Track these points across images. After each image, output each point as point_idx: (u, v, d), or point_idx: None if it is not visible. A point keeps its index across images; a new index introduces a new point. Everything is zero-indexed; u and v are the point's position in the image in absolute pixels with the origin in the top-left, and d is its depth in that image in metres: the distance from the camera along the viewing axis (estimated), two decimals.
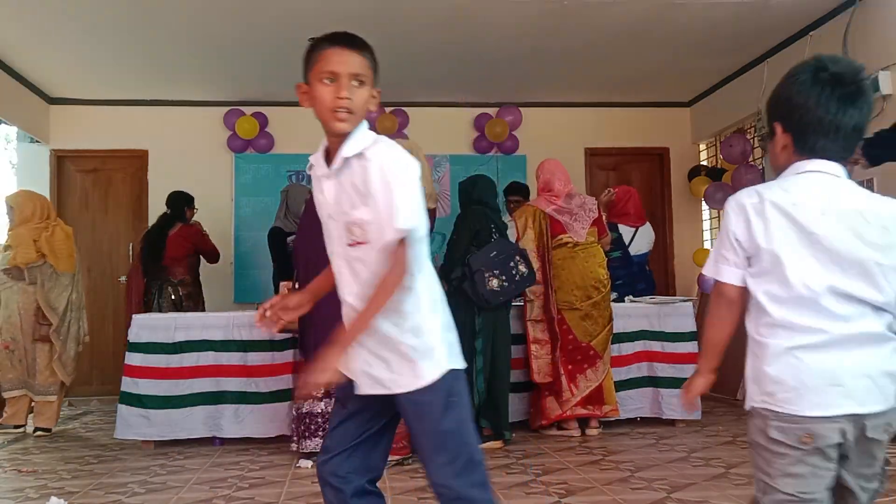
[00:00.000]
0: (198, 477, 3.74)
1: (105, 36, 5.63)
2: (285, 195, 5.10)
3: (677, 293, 7.29)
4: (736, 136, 6.62)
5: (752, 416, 1.58)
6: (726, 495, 3.16)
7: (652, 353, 4.94)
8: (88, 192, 7.15)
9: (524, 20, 5.44)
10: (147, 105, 7.13)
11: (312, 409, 4.03)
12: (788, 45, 5.94)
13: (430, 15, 5.32)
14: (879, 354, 1.48)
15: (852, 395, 1.46)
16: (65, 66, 6.31)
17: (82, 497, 3.40)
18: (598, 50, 6.10)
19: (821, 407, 1.46)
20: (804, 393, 1.48)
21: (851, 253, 1.48)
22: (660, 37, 5.83)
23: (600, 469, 3.71)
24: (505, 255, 4.24)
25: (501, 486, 3.41)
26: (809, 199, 1.51)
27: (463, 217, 4.50)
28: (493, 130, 7.30)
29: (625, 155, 7.69)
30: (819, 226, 1.49)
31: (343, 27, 1.82)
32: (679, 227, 7.69)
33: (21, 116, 6.60)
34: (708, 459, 3.88)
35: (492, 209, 4.55)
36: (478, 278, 4.16)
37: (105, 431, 5.11)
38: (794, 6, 5.30)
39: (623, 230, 5.39)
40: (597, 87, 7.16)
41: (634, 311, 4.94)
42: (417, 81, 6.85)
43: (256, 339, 4.53)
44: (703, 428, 4.79)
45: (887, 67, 4.81)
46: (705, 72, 6.78)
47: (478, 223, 4.39)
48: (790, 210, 1.51)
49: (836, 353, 1.47)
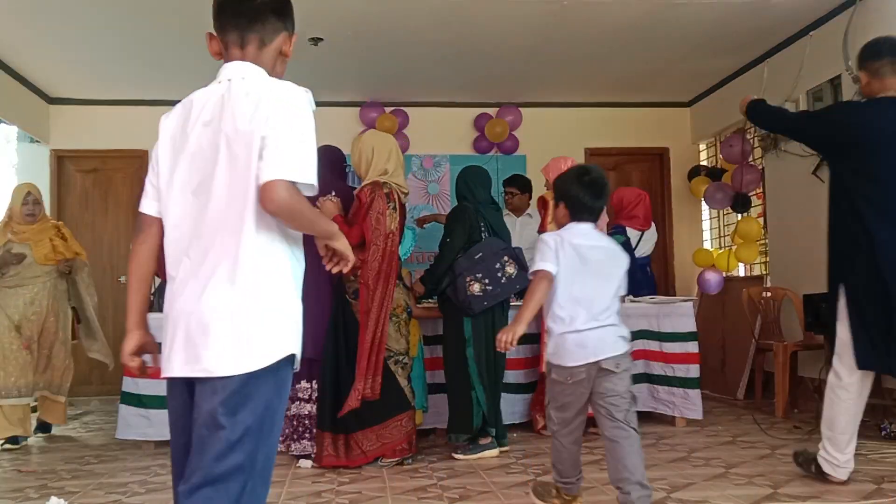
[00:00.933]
0: None
1: (105, 36, 5.63)
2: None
3: (677, 293, 7.29)
4: (736, 136, 6.62)
5: (549, 365, 2.82)
6: (726, 495, 3.16)
7: (651, 353, 4.93)
8: (88, 192, 7.15)
9: (524, 20, 5.44)
10: (147, 105, 7.12)
11: (300, 412, 4.03)
12: (788, 45, 5.95)
13: (430, 15, 5.32)
14: (612, 329, 2.71)
15: (592, 353, 2.66)
16: (65, 66, 6.31)
17: (82, 497, 3.40)
18: (598, 50, 6.11)
19: (574, 360, 2.69)
20: (565, 354, 2.71)
21: (603, 272, 2.73)
22: (660, 37, 5.83)
23: (600, 469, 3.71)
24: (491, 257, 4.02)
25: (501, 485, 3.41)
26: (583, 240, 2.75)
27: (454, 217, 4.23)
28: (493, 130, 7.30)
29: (625, 155, 7.69)
30: (589, 255, 2.72)
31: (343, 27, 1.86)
32: (679, 227, 7.69)
33: (21, 116, 6.60)
34: (708, 459, 3.88)
35: (483, 203, 4.26)
36: (459, 283, 3.96)
37: (105, 431, 5.11)
38: (794, 6, 5.30)
39: (630, 234, 5.34)
40: (597, 87, 7.16)
41: (634, 311, 4.94)
42: (417, 81, 6.86)
43: None
44: (703, 428, 4.79)
45: None
46: (705, 72, 6.78)
47: (469, 222, 4.15)
48: (575, 245, 2.73)
49: (586, 333, 2.67)
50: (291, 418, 4.02)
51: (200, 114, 1.69)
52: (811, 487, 3.25)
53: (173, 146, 1.71)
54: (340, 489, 3.41)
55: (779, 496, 3.12)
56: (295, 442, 4.01)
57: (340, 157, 4.38)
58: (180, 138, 1.70)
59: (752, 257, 6.46)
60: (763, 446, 4.18)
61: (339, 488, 3.43)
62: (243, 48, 1.75)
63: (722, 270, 6.49)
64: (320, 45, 5.74)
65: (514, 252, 4.14)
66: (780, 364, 5.21)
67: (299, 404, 4.03)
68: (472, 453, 4.02)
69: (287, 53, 1.81)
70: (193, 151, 1.67)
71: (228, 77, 1.72)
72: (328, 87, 6.89)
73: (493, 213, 4.31)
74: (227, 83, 1.70)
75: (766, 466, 3.68)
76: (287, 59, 1.83)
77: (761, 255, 6.53)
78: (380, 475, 3.67)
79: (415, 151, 7.33)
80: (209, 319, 1.59)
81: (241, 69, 1.72)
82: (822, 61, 5.50)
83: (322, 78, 6.63)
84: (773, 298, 5.95)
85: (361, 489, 3.40)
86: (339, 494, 3.32)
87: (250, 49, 1.75)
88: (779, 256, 6.23)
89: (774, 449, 4.10)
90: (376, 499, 3.23)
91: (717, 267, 6.56)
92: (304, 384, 4.04)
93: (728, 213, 7.24)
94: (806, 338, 5.42)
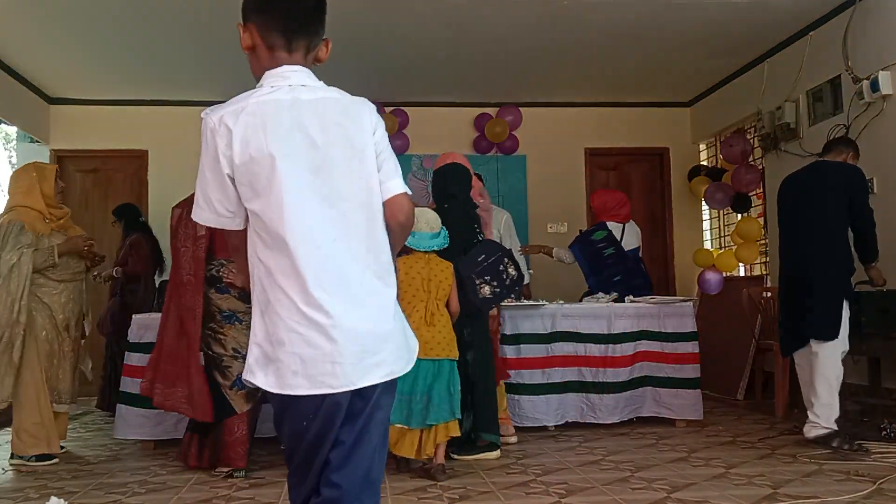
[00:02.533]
0: (198, 477, 3.73)
1: (105, 36, 5.63)
2: None
3: (677, 293, 7.29)
4: (736, 136, 6.62)
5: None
6: (726, 495, 3.16)
7: (651, 354, 4.93)
8: (88, 192, 7.15)
9: (524, 20, 5.44)
10: (147, 105, 7.13)
11: None
12: (788, 45, 5.94)
13: (430, 15, 5.32)
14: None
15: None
16: (65, 66, 6.31)
17: (82, 497, 3.40)
18: (599, 50, 6.11)
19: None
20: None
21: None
22: (660, 37, 5.83)
23: (600, 469, 3.71)
24: (494, 259, 3.99)
25: (501, 485, 3.41)
26: None
27: (442, 219, 3.90)
28: (493, 130, 7.30)
29: (625, 155, 7.69)
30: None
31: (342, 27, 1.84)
32: (679, 227, 7.69)
33: (21, 116, 6.60)
34: (708, 459, 3.88)
35: (471, 205, 4.19)
36: (469, 286, 3.88)
37: (105, 431, 5.11)
38: (794, 6, 5.30)
39: (611, 226, 5.42)
40: (597, 87, 7.16)
41: (634, 311, 4.94)
42: (417, 81, 6.86)
43: None
44: (703, 428, 4.79)
45: (887, 67, 4.81)
46: (705, 72, 6.78)
47: (461, 224, 4.03)
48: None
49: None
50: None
51: (308, 120, 1.55)
52: (811, 487, 3.25)
53: (281, 155, 1.51)
54: None
55: (779, 496, 3.12)
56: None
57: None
58: (288, 146, 1.52)
59: (752, 257, 6.46)
60: (763, 446, 4.18)
61: None
62: (291, 53, 1.62)
63: (722, 270, 6.50)
64: None
65: (510, 253, 4.10)
66: (780, 364, 5.20)
67: None
68: (472, 454, 4.01)
69: (323, 59, 1.70)
70: (319, 164, 1.54)
71: (301, 83, 1.60)
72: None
73: (475, 211, 4.26)
74: (300, 88, 1.58)
75: (766, 466, 3.68)
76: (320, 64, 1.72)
77: (761, 255, 6.53)
78: None
79: (415, 151, 7.34)
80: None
81: (304, 76, 1.62)
82: (822, 61, 5.50)
83: (322, 78, 6.58)
84: (773, 298, 5.95)
85: None
86: None
87: (298, 55, 1.63)
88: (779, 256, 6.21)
89: (774, 449, 4.10)
90: None
91: (717, 267, 6.57)
92: None
93: (728, 213, 7.24)
94: None
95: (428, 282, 3.68)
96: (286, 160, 1.50)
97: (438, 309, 3.69)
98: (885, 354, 4.40)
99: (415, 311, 3.61)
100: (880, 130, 4.91)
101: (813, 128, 5.65)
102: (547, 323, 4.82)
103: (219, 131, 1.51)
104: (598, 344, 4.84)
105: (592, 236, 5.45)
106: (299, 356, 1.48)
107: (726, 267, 6.66)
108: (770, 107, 6.06)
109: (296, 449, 1.56)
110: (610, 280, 5.34)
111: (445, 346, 3.64)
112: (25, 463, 4.03)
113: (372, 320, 1.54)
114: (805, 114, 5.76)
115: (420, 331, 3.56)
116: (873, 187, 4.92)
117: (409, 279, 3.65)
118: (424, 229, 3.72)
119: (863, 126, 5.04)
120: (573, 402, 4.78)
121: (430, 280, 3.68)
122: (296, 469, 1.58)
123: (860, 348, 4.45)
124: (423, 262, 3.71)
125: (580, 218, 7.31)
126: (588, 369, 4.82)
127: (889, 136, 4.87)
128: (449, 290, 3.74)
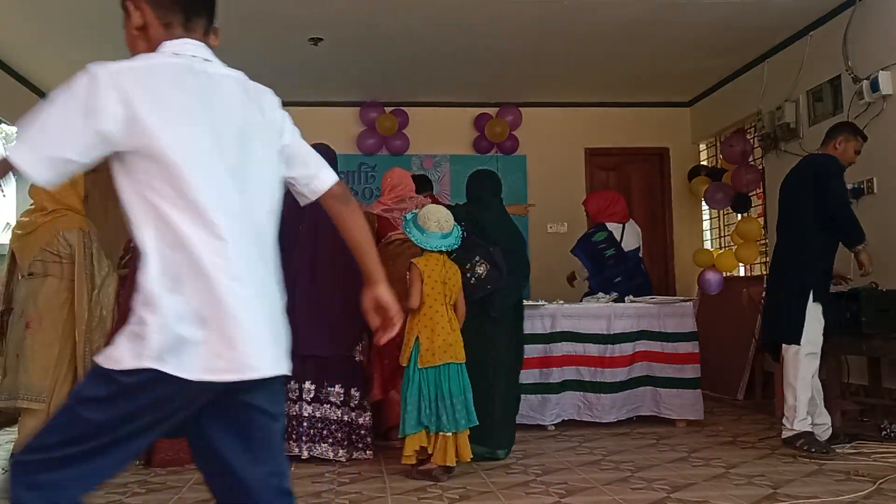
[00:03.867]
0: (198, 477, 3.72)
1: (105, 36, 5.62)
2: None
3: (677, 293, 7.29)
4: (736, 136, 6.62)
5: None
6: (726, 495, 3.16)
7: (651, 353, 4.93)
8: (88, 192, 7.12)
9: (524, 20, 5.44)
10: None
11: (302, 413, 3.93)
12: (788, 45, 5.95)
13: (430, 15, 5.32)
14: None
15: None
16: (65, 66, 6.30)
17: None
18: (598, 50, 6.11)
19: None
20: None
21: None
22: (660, 37, 5.84)
23: (600, 469, 3.71)
24: (462, 255, 3.88)
25: (501, 485, 3.41)
26: None
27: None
28: (493, 130, 7.30)
29: (625, 155, 7.69)
30: None
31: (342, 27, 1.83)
32: (679, 227, 7.69)
33: (21, 116, 6.60)
34: (708, 459, 3.88)
35: (482, 205, 4.20)
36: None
37: None
38: (794, 6, 5.30)
39: (611, 227, 5.42)
40: (597, 87, 7.16)
41: (634, 311, 4.94)
42: (417, 81, 6.86)
43: None
44: (703, 428, 4.79)
45: (887, 67, 4.81)
46: (705, 72, 6.78)
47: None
48: None
49: None
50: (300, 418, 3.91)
51: (224, 92, 1.48)
52: (811, 487, 3.25)
53: (195, 116, 1.43)
54: (340, 489, 3.41)
55: (779, 496, 3.12)
56: (316, 444, 3.89)
57: (333, 158, 4.29)
58: (206, 109, 1.44)
59: (752, 257, 6.46)
60: (763, 446, 4.18)
61: (339, 488, 3.43)
62: (189, 32, 1.53)
63: (722, 270, 6.50)
64: (320, 45, 5.75)
65: (488, 252, 3.94)
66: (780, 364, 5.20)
67: (301, 406, 3.92)
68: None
69: (214, 46, 1.59)
70: (237, 133, 1.47)
71: (205, 57, 1.50)
72: (328, 87, 6.89)
73: (491, 213, 4.22)
74: (204, 63, 1.49)
75: (766, 466, 3.68)
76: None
77: (761, 255, 6.53)
78: (380, 475, 3.66)
79: (415, 151, 7.34)
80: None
81: (207, 52, 1.53)
82: (822, 61, 5.50)
83: (322, 78, 6.63)
84: None
85: (361, 489, 3.40)
86: (339, 495, 3.31)
87: (196, 35, 1.54)
88: None
89: (774, 449, 4.10)
90: (376, 499, 3.23)
91: (717, 267, 6.57)
92: (308, 385, 3.94)
93: (728, 213, 7.24)
94: None
95: (444, 284, 3.62)
96: (194, 126, 1.42)
97: (452, 313, 3.66)
98: (885, 354, 4.39)
99: (437, 314, 3.56)
100: (880, 130, 4.91)
101: (813, 128, 5.65)
102: (547, 323, 4.82)
103: (109, 84, 1.39)
104: (596, 344, 4.84)
105: (593, 238, 5.45)
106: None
107: (726, 267, 6.66)
108: (770, 107, 6.06)
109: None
110: (611, 281, 5.35)
111: (461, 349, 3.61)
112: None
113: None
114: (805, 114, 5.76)
115: (449, 337, 3.54)
116: (873, 187, 4.92)
117: (431, 282, 3.60)
118: (434, 228, 3.62)
119: (863, 126, 5.01)
120: (570, 401, 4.78)
121: (444, 283, 3.62)
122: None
123: (860, 348, 4.45)
124: (440, 263, 3.64)
125: (580, 218, 7.27)
126: (586, 369, 4.82)
127: (889, 136, 4.87)
128: (458, 292, 3.70)
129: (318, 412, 3.94)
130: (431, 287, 3.59)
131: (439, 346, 3.52)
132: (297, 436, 3.92)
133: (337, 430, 3.94)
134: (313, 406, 3.94)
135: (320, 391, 3.95)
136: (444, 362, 3.51)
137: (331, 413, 3.94)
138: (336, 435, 3.93)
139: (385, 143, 7.26)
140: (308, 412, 3.93)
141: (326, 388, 3.96)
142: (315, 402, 3.95)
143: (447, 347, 3.52)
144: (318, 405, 3.95)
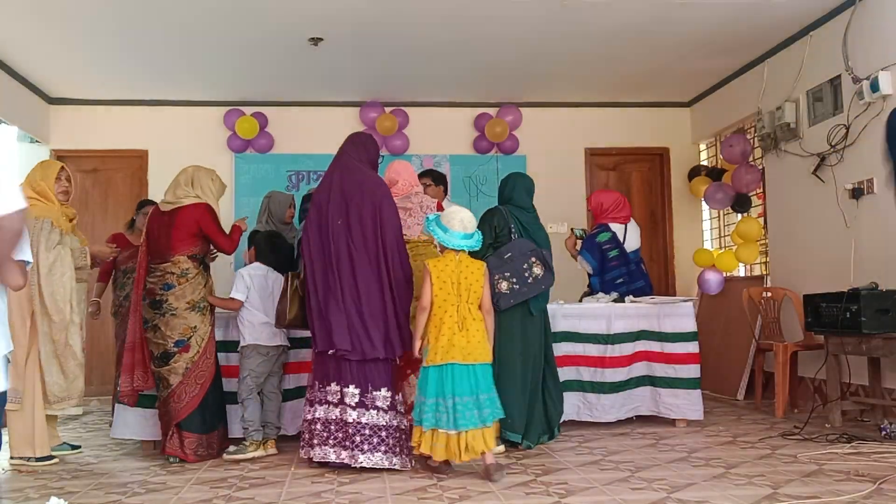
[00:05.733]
0: (198, 477, 3.74)
1: (105, 36, 5.63)
2: (267, 201, 5.27)
3: (677, 293, 7.30)
4: (736, 136, 6.62)
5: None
6: (726, 495, 3.16)
7: (651, 354, 4.93)
8: (88, 192, 7.15)
9: (524, 20, 5.44)
10: (147, 105, 7.14)
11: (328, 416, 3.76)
12: (788, 45, 5.95)
13: (429, 15, 5.32)
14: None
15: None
16: (65, 66, 6.31)
17: (82, 497, 3.40)
18: (598, 50, 6.11)
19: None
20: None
21: None
22: (660, 37, 5.84)
23: (600, 469, 3.71)
24: (519, 257, 4.15)
25: (501, 485, 3.41)
26: None
27: (483, 218, 4.34)
28: (493, 130, 7.30)
29: (625, 155, 7.70)
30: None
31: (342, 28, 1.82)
32: (679, 227, 7.69)
33: (21, 116, 6.60)
34: (708, 459, 3.88)
35: (520, 207, 4.42)
36: (490, 281, 3.96)
37: (105, 431, 5.11)
38: (794, 6, 5.30)
39: (614, 228, 5.42)
40: (597, 87, 7.16)
41: (634, 311, 4.94)
42: (417, 81, 6.86)
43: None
44: (703, 428, 4.79)
45: (887, 67, 4.81)
46: (705, 72, 6.78)
47: (499, 222, 4.30)
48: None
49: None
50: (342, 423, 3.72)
51: None
52: (811, 487, 3.25)
53: None
54: (340, 489, 3.41)
55: (779, 496, 3.12)
56: (371, 454, 3.68)
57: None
58: None
59: (752, 257, 6.46)
60: (763, 446, 4.18)
61: (339, 488, 3.43)
62: None
63: (722, 270, 6.49)
64: (320, 45, 5.75)
65: (542, 254, 4.23)
66: (781, 364, 5.21)
67: (328, 408, 3.75)
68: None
69: None
70: None
71: None
72: (328, 87, 6.89)
73: (528, 216, 4.43)
74: None
75: (766, 466, 3.68)
76: None
77: (761, 255, 6.53)
78: (380, 475, 3.66)
79: (415, 151, 7.33)
80: None
81: None
82: (822, 61, 5.50)
83: (322, 78, 6.63)
84: (773, 298, 5.95)
85: (361, 489, 3.40)
86: (339, 495, 3.32)
87: None
88: (779, 256, 6.23)
89: (774, 449, 4.10)
90: (376, 499, 3.23)
91: (717, 267, 6.57)
92: (334, 387, 3.76)
93: (728, 213, 7.24)
94: (806, 338, 5.42)
95: (458, 284, 3.61)
96: None
97: (471, 312, 3.61)
98: (885, 354, 4.39)
99: (446, 315, 3.57)
100: (880, 130, 4.90)
101: (813, 128, 5.65)
102: None
103: None
104: (596, 344, 4.84)
105: (597, 238, 5.45)
106: None
107: (726, 267, 6.67)
108: (770, 107, 6.06)
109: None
110: (613, 282, 5.35)
111: (482, 351, 3.60)
112: (25, 463, 4.03)
113: None
114: (805, 114, 5.75)
115: (454, 337, 3.55)
116: (873, 187, 4.92)
117: (440, 283, 3.60)
118: (458, 228, 3.63)
119: (863, 126, 5.03)
120: (570, 401, 4.77)
121: (459, 283, 3.61)
122: None
123: (860, 348, 4.46)
124: (454, 263, 3.64)
125: (580, 218, 7.29)
126: (586, 369, 4.82)
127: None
128: (481, 291, 3.69)
129: (364, 418, 3.71)
130: (440, 287, 3.60)
131: (442, 347, 3.54)
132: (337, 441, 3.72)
133: (388, 437, 3.71)
134: (358, 411, 3.71)
135: (365, 395, 3.73)
136: (446, 362, 3.53)
137: (379, 419, 3.72)
138: (388, 441, 3.70)
139: (385, 143, 7.26)
140: (352, 418, 3.70)
141: (372, 393, 3.74)
142: (360, 408, 3.71)
143: (450, 348, 3.54)
144: (364, 410, 3.71)
